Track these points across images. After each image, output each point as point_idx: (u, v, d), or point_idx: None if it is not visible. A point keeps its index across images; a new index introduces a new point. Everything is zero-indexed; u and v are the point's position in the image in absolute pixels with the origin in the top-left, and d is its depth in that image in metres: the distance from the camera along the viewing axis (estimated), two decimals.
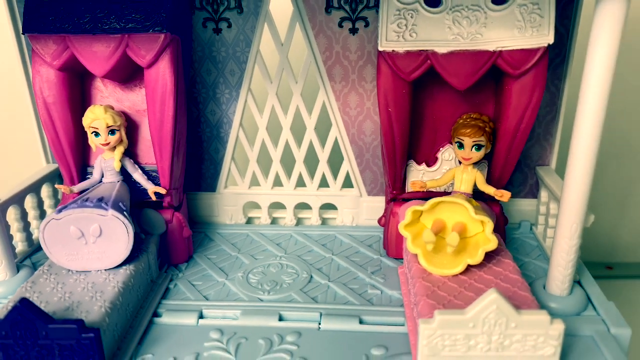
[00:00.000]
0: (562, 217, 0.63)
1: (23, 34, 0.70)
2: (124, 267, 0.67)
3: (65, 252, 0.66)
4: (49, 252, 0.66)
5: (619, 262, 1.34)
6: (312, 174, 0.88)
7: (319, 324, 0.65)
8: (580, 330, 0.62)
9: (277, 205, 0.91)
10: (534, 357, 0.54)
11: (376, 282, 0.73)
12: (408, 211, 0.66)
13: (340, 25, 0.77)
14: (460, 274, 0.64)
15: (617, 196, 1.27)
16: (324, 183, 0.88)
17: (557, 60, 0.77)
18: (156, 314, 0.68)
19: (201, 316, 0.67)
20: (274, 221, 0.92)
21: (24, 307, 0.53)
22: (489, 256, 0.66)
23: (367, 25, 0.77)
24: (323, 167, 0.87)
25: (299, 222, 0.91)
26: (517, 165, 0.83)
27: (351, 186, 0.87)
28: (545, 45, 0.64)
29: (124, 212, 0.66)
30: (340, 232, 0.87)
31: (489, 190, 0.70)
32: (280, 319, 0.66)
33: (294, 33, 0.79)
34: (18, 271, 0.74)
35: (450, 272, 0.64)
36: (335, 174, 0.87)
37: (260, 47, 0.80)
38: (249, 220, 0.92)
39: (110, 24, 0.69)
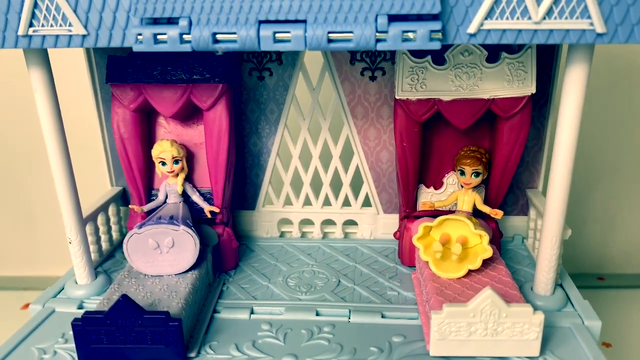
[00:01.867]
0: (545, 231, 0.77)
1: (107, 83, 0.87)
2: (190, 272, 0.83)
3: (144, 260, 0.82)
4: (130, 260, 0.82)
5: (610, 274, 1.46)
6: (336, 195, 1.03)
7: (349, 318, 0.80)
8: (560, 323, 0.76)
9: (306, 222, 1.07)
10: (520, 341, 0.69)
11: (394, 286, 0.88)
12: (420, 227, 0.82)
13: (362, 74, 0.94)
14: (463, 277, 0.79)
15: (607, 212, 1.39)
16: (346, 203, 1.03)
17: (541, 101, 0.93)
18: (215, 311, 0.82)
19: (252, 312, 0.82)
20: (303, 235, 1.07)
21: (125, 302, 0.69)
22: (486, 263, 0.81)
23: (384, 74, 0.93)
24: (346, 189, 1.02)
25: (325, 236, 1.06)
26: (510, 188, 0.99)
27: (370, 205, 1.03)
28: (529, 94, 0.80)
29: (192, 228, 0.82)
30: (360, 244, 1.02)
31: (486, 209, 0.86)
32: (317, 314, 0.81)
33: (324, 80, 0.95)
34: (96, 277, 0.89)
35: (455, 275, 0.79)
36: (356, 195, 1.02)
37: (296, 91, 0.96)
38: (282, 234, 1.07)
39: (177, 75, 0.85)
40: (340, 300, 0.84)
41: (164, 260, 0.81)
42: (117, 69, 0.87)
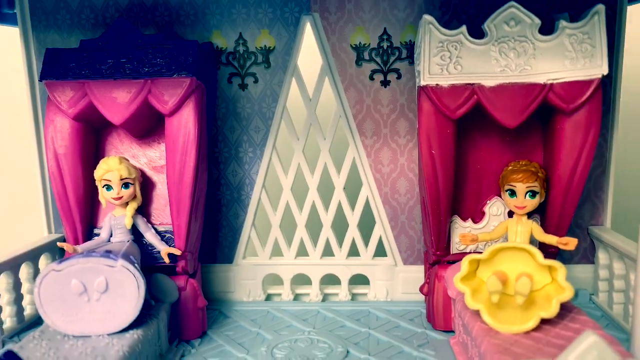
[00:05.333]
0: None
1: (40, 80, 0.67)
2: (130, 332, 0.57)
3: (63, 311, 0.56)
4: (43, 311, 0.56)
5: None
6: (340, 241, 0.79)
7: None
8: None
9: (301, 279, 0.81)
10: None
11: (427, 356, 0.62)
12: (464, 261, 0.58)
13: (371, 78, 0.74)
14: (533, 331, 0.54)
15: None
16: (354, 251, 0.79)
17: (602, 107, 0.73)
18: None
19: None
20: (296, 298, 0.81)
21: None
22: (560, 313, 0.56)
23: (399, 77, 0.74)
24: (353, 232, 0.79)
25: (325, 298, 0.81)
26: None
27: (384, 254, 0.79)
28: (599, 76, 0.60)
29: (135, 265, 0.57)
30: (374, 307, 0.77)
31: (551, 240, 0.62)
32: None
33: (323, 87, 0.76)
34: (3, 347, 0.63)
35: (521, 328, 0.54)
36: (366, 241, 0.79)
37: (287, 102, 0.76)
38: (268, 297, 0.82)
39: (133, 68, 0.66)
40: None
41: (92, 312, 0.56)
42: (57, 63, 0.67)
